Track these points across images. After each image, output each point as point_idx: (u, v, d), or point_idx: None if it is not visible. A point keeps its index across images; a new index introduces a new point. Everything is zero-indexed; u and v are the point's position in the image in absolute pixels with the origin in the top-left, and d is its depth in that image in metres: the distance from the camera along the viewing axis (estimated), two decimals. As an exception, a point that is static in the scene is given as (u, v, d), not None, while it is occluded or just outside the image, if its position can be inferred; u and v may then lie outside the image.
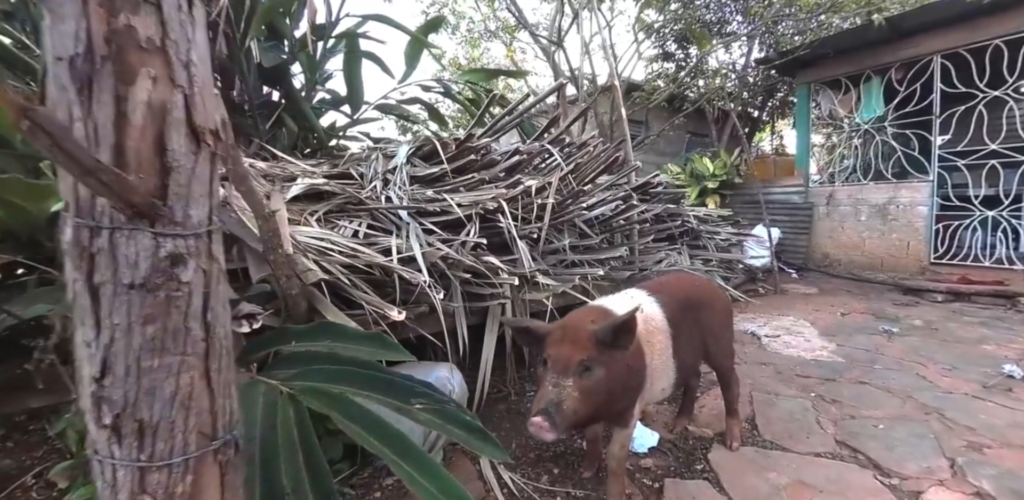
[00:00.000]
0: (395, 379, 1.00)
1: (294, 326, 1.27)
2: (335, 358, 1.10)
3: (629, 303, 1.69)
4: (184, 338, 0.56)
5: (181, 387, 0.56)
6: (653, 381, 1.64)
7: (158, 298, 0.53)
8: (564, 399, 1.23)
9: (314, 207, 2.39)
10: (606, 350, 1.36)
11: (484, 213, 2.49)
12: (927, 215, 6.16)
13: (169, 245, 0.54)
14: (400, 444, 0.90)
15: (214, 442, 0.59)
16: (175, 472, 0.57)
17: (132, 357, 0.53)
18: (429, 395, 0.97)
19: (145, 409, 0.54)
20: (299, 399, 0.97)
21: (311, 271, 1.62)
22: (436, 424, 0.93)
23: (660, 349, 1.66)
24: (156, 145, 0.54)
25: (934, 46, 5.89)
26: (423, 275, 1.92)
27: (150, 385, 0.54)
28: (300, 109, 3.60)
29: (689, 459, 1.95)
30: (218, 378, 0.59)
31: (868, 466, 1.90)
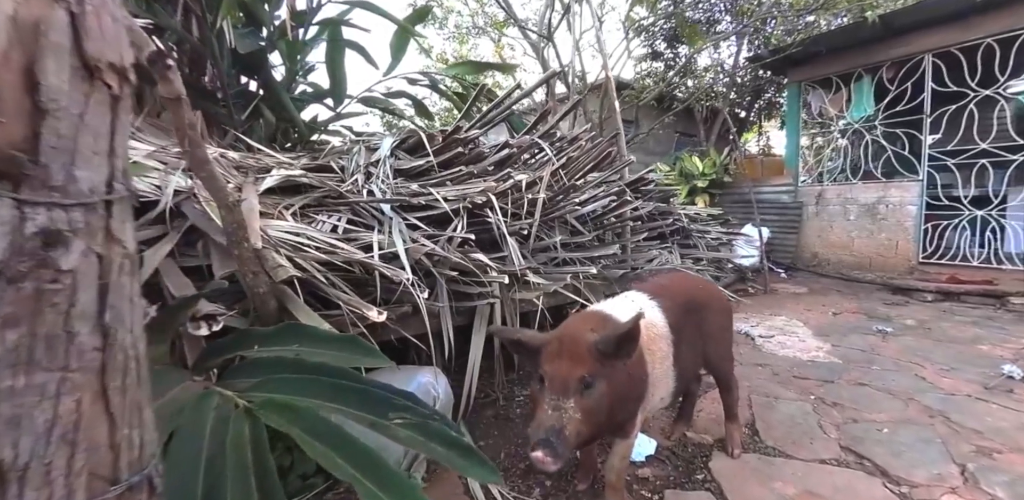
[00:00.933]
0: (370, 389, 0.87)
1: (259, 329, 1.14)
2: (302, 365, 0.96)
3: (630, 308, 1.58)
4: (64, 348, 0.42)
5: (61, 415, 0.42)
6: (653, 391, 1.53)
7: (23, 292, 0.39)
8: (566, 424, 1.10)
9: (290, 200, 2.24)
10: (608, 362, 1.24)
11: (472, 207, 2.36)
12: (916, 214, 6.16)
13: (41, 217, 0.40)
14: (370, 464, 0.76)
15: (114, 487, 0.45)
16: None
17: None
18: (410, 408, 0.84)
19: (6, 447, 0.40)
20: (256, 414, 0.83)
21: (282, 267, 1.48)
22: (418, 442, 0.80)
23: (661, 357, 1.55)
24: (24, 78, 0.40)
25: (926, 45, 5.89)
26: (406, 272, 1.78)
27: (13, 413, 0.40)
28: (279, 100, 3.44)
29: (689, 468, 1.84)
30: (120, 401, 0.46)
31: (876, 473, 1.81)
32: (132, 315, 0.47)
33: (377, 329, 1.69)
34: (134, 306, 0.47)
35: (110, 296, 0.44)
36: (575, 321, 1.44)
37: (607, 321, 1.42)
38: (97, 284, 0.43)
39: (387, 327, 1.73)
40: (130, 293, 0.47)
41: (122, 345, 0.46)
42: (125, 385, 0.46)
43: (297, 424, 0.81)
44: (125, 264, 0.46)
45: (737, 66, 9.67)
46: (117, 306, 0.45)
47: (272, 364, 0.97)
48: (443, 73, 4.72)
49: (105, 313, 0.44)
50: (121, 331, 0.46)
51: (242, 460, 0.76)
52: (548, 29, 6.91)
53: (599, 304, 1.67)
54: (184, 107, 1.20)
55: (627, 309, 1.56)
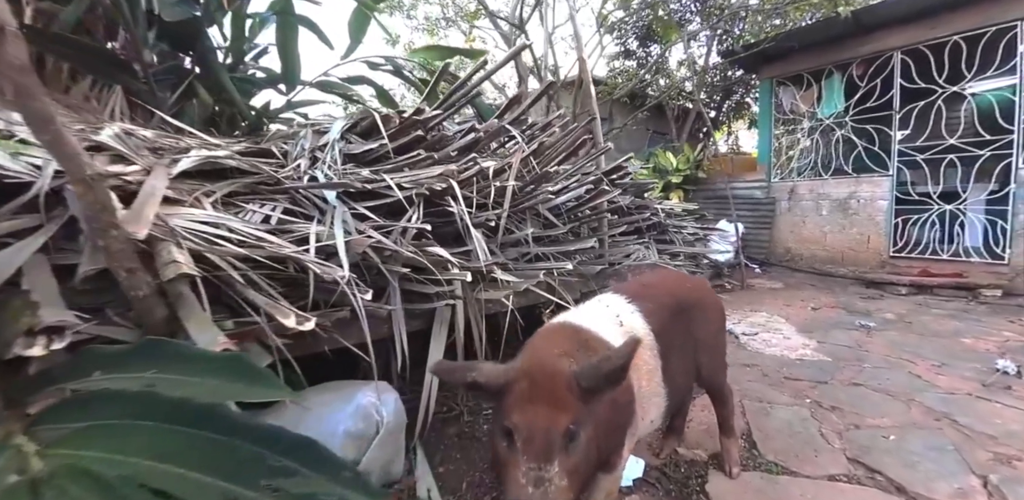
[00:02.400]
0: (238, 444, 0.57)
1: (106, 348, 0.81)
2: (153, 402, 0.65)
3: (606, 316, 1.32)
4: None
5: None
6: (643, 414, 1.27)
7: None
8: (551, 496, 0.83)
9: (213, 187, 1.89)
10: (593, 399, 0.96)
11: (430, 194, 2.06)
12: (887, 209, 6.16)
13: None
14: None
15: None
16: None
17: None
18: (295, 472, 0.55)
19: None
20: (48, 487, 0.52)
21: (174, 264, 1.15)
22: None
23: (647, 372, 1.29)
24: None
25: (895, 42, 5.88)
26: (341, 269, 1.47)
27: None
28: (217, 79, 3.06)
29: (683, 492, 1.59)
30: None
31: (891, 490, 1.60)
32: None
33: (306, 338, 1.38)
34: None
35: None
36: (543, 343, 1.12)
37: (584, 341, 1.14)
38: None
39: (321, 337, 1.41)
40: None
41: None
42: None
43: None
44: None
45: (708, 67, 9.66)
46: None
47: (109, 401, 0.66)
48: (408, 58, 4.40)
49: None
50: None
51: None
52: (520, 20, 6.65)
53: (569, 313, 1.37)
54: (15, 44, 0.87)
55: (604, 319, 1.30)
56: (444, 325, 1.96)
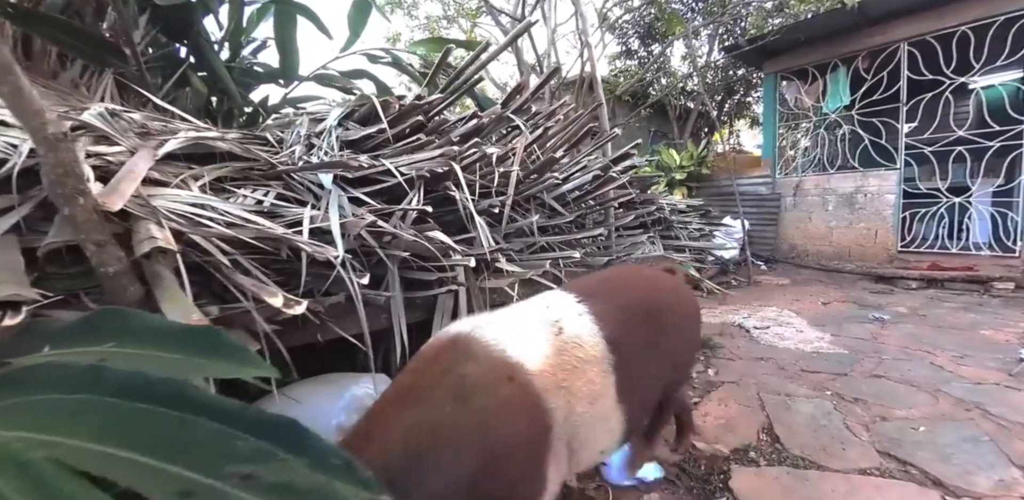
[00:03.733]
0: (200, 421, 0.46)
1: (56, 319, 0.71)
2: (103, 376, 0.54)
3: (539, 321, 1.05)
4: None
5: None
6: (580, 444, 1.02)
7: None
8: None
9: (202, 169, 1.79)
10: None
11: (431, 178, 1.96)
12: (894, 203, 6.06)
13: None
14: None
15: None
16: None
17: None
18: (270, 454, 0.44)
19: None
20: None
21: (149, 239, 1.05)
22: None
23: (589, 394, 1.00)
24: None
25: (901, 33, 5.80)
26: (335, 249, 1.37)
27: None
28: (212, 69, 2.97)
29: (705, 490, 1.48)
30: None
31: (927, 484, 1.49)
32: None
33: (299, 325, 1.28)
34: None
35: None
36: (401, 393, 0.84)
37: (463, 378, 0.85)
38: None
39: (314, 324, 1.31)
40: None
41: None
42: None
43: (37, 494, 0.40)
44: None
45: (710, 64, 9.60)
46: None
47: (48, 376, 0.55)
48: (407, 50, 4.31)
49: None
50: None
51: None
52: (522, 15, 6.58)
53: (481, 318, 1.06)
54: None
55: (532, 327, 1.02)
56: (446, 316, 1.85)
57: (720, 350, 2.86)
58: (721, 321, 3.59)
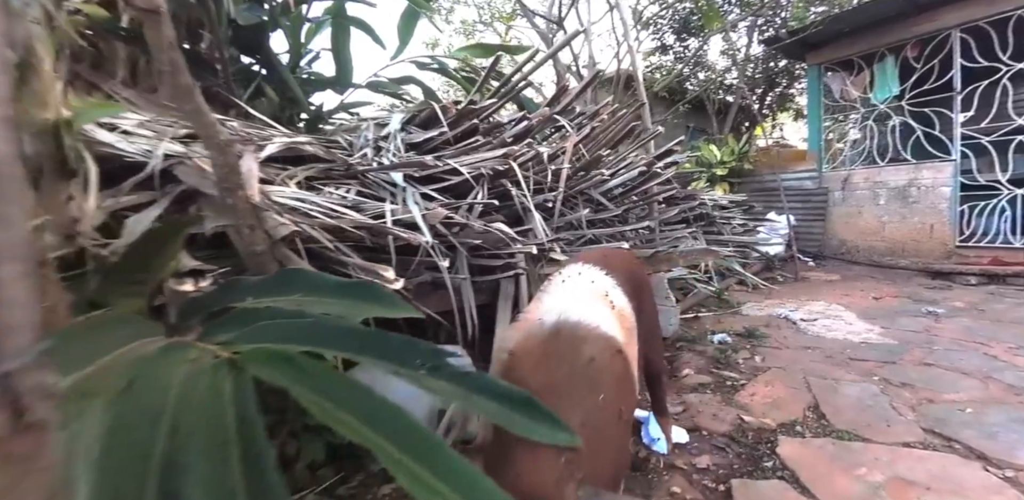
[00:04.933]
0: (388, 335, 0.66)
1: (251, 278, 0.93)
2: (304, 315, 0.75)
3: (596, 294, 1.09)
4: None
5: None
6: None
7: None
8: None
9: (294, 170, 2.05)
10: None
11: (492, 175, 2.15)
12: (951, 196, 5.85)
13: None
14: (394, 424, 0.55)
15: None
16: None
17: None
18: (443, 354, 0.63)
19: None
20: (242, 366, 0.63)
21: (283, 225, 1.28)
22: (457, 395, 0.58)
23: (633, 355, 1.07)
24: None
25: (952, 19, 5.61)
26: (425, 235, 1.58)
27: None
28: (282, 79, 3.28)
29: (754, 455, 1.60)
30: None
31: (971, 457, 1.56)
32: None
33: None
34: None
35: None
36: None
37: (589, 361, 0.88)
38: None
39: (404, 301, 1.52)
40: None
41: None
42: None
43: (296, 379, 0.61)
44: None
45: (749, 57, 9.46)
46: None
47: (266, 315, 0.76)
48: (453, 56, 4.55)
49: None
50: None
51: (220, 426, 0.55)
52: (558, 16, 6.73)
53: (556, 296, 1.07)
54: (164, 23, 1.01)
55: (596, 300, 1.06)
56: (509, 300, 2.04)
57: (766, 340, 2.93)
58: (767, 314, 3.64)
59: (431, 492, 0.50)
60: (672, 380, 2.31)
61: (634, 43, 8.35)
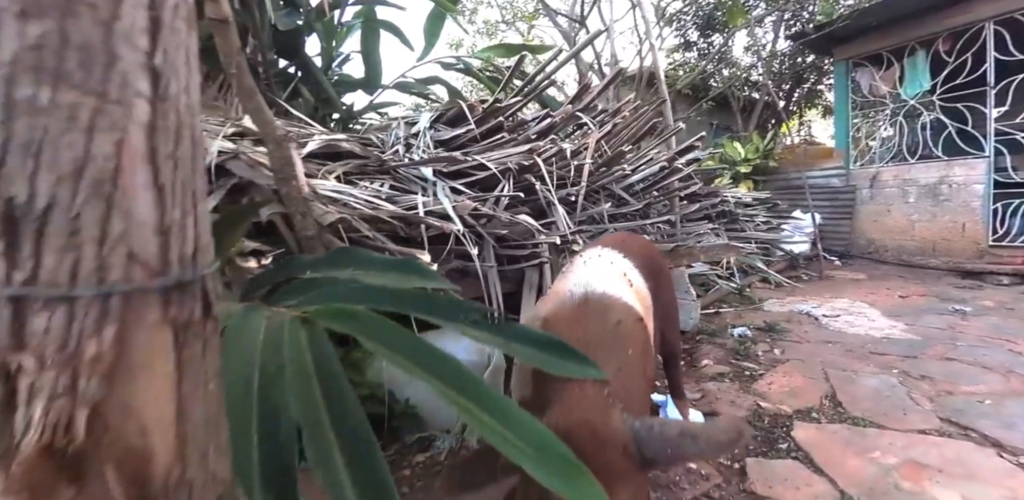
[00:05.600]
0: (433, 294, 0.76)
1: (308, 256, 1.05)
2: (358, 283, 0.87)
3: (616, 275, 1.14)
4: (104, 68, 0.32)
5: (94, 156, 0.32)
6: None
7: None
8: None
9: (333, 165, 2.19)
10: (654, 467, 0.79)
11: (518, 169, 2.25)
12: (984, 194, 5.71)
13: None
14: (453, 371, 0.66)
15: (159, 279, 0.35)
16: (81, 315, 0.32)
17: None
18: (482, 310, 0.73)
19: (20, 180, 0.30)
20: (313, 320, 0.74)
21: (329, 213, 1.40)
22: (497, 341, 0.68)
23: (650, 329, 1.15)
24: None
25: (986, 11, 5.47)
26: (456, 224, 1.68)
27: (30, 136, 0.30)
28: (317, 80, 3.44)
29: (769, 438, 1.66)
30: (172, 175, 0.36)
31: (986, 444, 1.59)
32: (188, 77, 0.37)
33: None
34: (190, 69, 0.37)
35: (162, 34, 0.34)
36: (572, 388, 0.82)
37: (617, 324, 0.95)
38: (144, 7, 0.33)
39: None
40: (187, 48, 0.37)
41: (175, 105, 0.36)
42: (177, 157, 0.36)
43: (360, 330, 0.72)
44: (180, 7, 0.36)
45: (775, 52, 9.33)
46: (171, 54, 0.35)
47: (325, 284, 0.88)
48: (477, 56, 4.66)
49: (156, 53, 0.34)
50: (174, 86, 0.36)
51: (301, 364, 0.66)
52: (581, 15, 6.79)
53: (580, 275, 1.11)
54: (231, 31, 1.14)
55: (617, 280, 1.11)
56: (533, 288, 2.14)
57: (786, 334, 2.95)
58: (788, 310, 3.65)
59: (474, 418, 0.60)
60: (691, 370, 2.37)
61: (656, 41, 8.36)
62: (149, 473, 0.34)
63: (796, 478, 1.43)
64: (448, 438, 1.64)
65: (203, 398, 0.38)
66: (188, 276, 0.36)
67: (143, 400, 0.34)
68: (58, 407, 0.30)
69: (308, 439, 0.57)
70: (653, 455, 0.73)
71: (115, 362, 0.32)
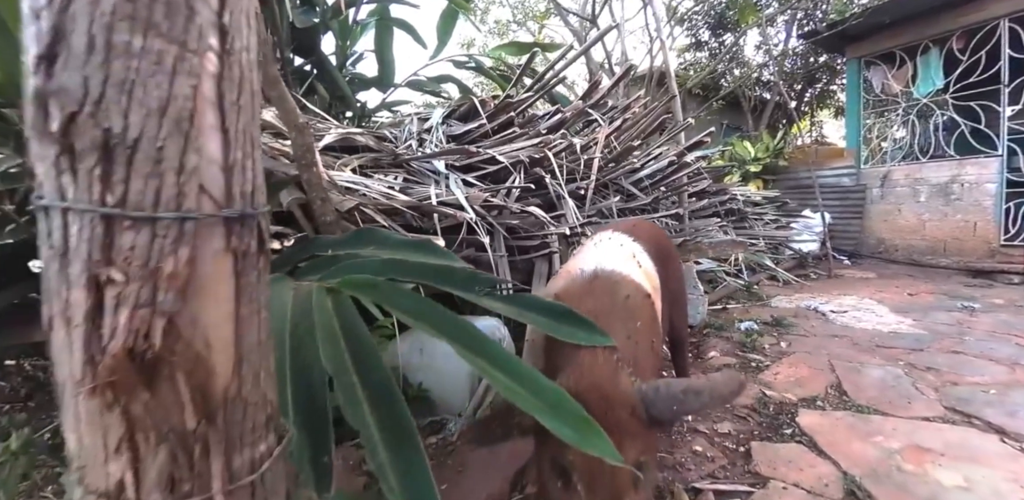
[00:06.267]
0: (454, 267, 0.81)
1: (330, 236, 1.10)
2: (378, 259, 0.92)
3: (626, 256, 1.18)
4: (184, 21, 0.37)
5: (176, 96, 0.37)
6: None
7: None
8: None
9: (348, 158, 2.25)
10: (661, 425, 0.84)
11: (528, 163, 2.30)
12: (996, 193, 5.65)
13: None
14: (470, 335, 0.70)
15: (224, 210, 0.40)
16: (162, 235, 0.37)
17: (100, 23, 0.34)
18: (496, 281, 0.78)
19: (116, 113, 0.35)
20: (338, 290, 0.79)
21: (347, 200, 1.46)
22: (512, 311, 0.73)
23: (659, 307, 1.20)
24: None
25: (1001, 9, 5.43)
26: (469, 213, 1.73)
27: (125, 76, 0.35)
28: (332, 78, 3.51)
29: (774, 423, 1.69)
30: (235, 120, 0.41)
31: (989, 431, 1.61)
32: (248, 36, 0.42)
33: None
34: (250, 29, 0.43)
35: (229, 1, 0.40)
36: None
37: (625, 299, 1.00)
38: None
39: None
40: (247, 10, 0.42)
41: (239, 59, 0.41)
42: (240, 105, 0.41)
43: (382, 298, 0.76)
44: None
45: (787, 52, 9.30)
46: (235, 15, 0.40)
47: (347, 259, 0.93)
48: (489, 55, 4.72)
49: (224, 12, 0.39)
50: (238, 43, 0.41)
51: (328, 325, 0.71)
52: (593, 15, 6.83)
53: (591, 255, 1.16)
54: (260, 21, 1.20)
55: (627, 260, 1.15)
56: (542, 279, 2.18)
57: (793, 328, 2.97)
58: (796, 305, 3.65)
59: (489, 375, 0.65)
60: (698, 361, 2.40)
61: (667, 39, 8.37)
62: (212, 386, 0.39)
63: (800, 460, 1.45)
64: (459, 421, 1.69)
65: (256, 324, 0.43)
66: (248, 210, 0.41)
67: (209, 318, 0.39)
68: (140, 316, 0.35)
69: (339, 387, 0.62)
70: (660, 413, 0.77)
71: (187, 281, 0.37)
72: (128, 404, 0.35)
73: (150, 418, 0.36)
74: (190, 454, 0.37)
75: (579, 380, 0.79)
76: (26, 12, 0.33)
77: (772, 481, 1.36)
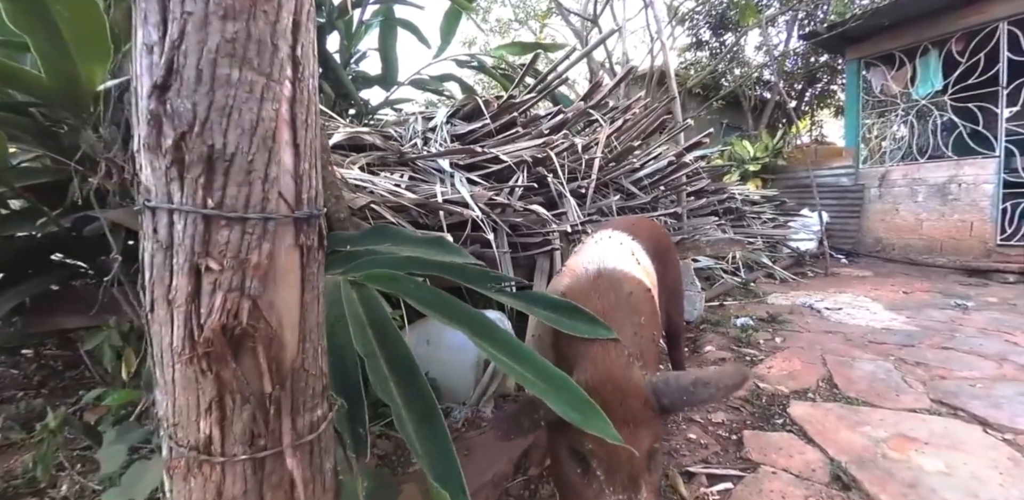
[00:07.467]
0: (466, 265, 0.88)
1: (347, 232, 1.18)
2: (395, 256, 0.99)
3: (625, 253, 1.23)
4: (270, 56, 0.45)
5: (263, 118, 0.45)
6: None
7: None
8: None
9: (356, 156, 2.32)
10: (670, 413, 0.91)
11: (531, 162, 2.37)
12: (993, 193, 5.73)
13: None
14: (480, 323, 0.78)
15: (297, 212, 0.48)
16: (250, 232, 0.45)
17: (207, 59, 0.42)
18: (505, 278, 0.85)
19: (218, 132, 0.43)
20: (362, 283, 0.86)
21: (359, 197, 1.53)
22: (520, 305, 0.80)
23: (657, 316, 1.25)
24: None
25: (1000, 12, 5.49)
26: (474, 210, 1.81)
27: (225, 102, 0.43)
28: (337, 76, 3.58)
29: (766, 414, 1.77)
30: (304, 135, 0.49)
31: (973, 422, 1.69)
32: (313, 65, 0.50)
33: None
34: (314, 59, 0.50)
35: (301, 33, 0.47)
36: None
37: (628, 295, 1.06)
38: (292, 16, 0.45)
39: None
40: (313, 44, 0.49)
41: (307, 85, 0.48)
42: (308, 123, 0.48)
43: (402, 290, 0.84)
44: (311, 11, 0.48)
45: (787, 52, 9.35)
46: (305, 48, 0.48)
47: (364, 256, 1.00)
48: (491, 54, 4.78)
49: (297, 46, 0.46)
50: (307, 71, 0.48)
51: (355, 314, 0.79)
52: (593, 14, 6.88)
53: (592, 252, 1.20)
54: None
55: (627, 258, 1.21)
56: (544, 275, 2.26)
57: (788, 324, 3.04)
58: (792, 303, 3.73)
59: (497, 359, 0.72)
60: (694, 355, 2.48)
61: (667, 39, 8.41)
62: (283, 358, 0.46)
63: (790, 448, 1.53)
64: (464, 409, 1.77)
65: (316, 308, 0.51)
66: (314, 212, 0.49)
67: (282, 302, 0.46)
68: (232, 298, 0.43)
69: (368, 367, 0.69)
70: (670, 403, 0.84)
71: (268, 270, 0.45)
72: (220, 371, 0.42)
73: (236, 383, 0.43)
74: (266, 414, 0.45)
75: (595, 374, 0.85)
76: (139, 46, 0.41)
77: (762, 466, 1.44)
